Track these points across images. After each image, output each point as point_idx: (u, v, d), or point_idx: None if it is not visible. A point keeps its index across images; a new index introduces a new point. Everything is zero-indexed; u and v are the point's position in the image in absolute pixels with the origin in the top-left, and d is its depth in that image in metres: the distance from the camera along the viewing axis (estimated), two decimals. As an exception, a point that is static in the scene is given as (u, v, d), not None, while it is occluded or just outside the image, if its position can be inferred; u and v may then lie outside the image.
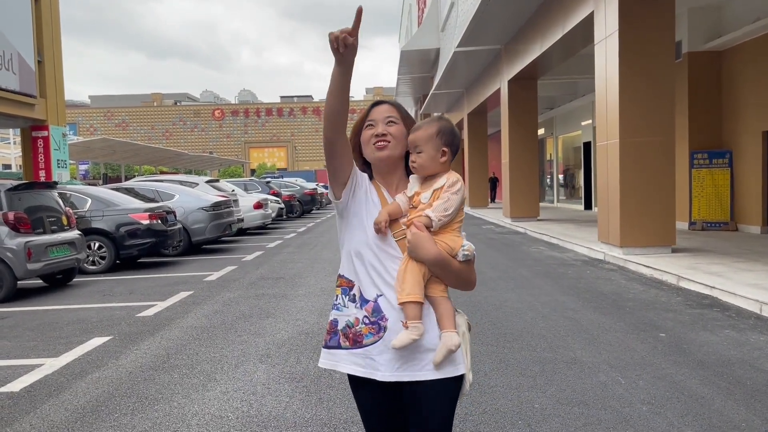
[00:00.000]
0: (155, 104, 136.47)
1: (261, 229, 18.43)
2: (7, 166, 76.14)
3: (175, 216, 11.96)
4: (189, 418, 3.75)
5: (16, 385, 4.47)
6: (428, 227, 1.88)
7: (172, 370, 4.72)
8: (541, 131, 26.94)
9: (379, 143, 1.95)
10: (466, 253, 1.90)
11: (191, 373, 4.63)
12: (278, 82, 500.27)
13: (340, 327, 1.93)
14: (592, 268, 9.46)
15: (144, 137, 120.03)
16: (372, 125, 1.99)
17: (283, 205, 21.76)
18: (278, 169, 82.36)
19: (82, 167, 72.85)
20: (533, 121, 18.78)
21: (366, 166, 2.05)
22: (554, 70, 17.66)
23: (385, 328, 1.87)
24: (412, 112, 61.58)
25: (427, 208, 1.91)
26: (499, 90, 19.64)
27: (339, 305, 1.96)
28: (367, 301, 1.90)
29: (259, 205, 17.08)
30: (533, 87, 18.40)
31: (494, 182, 30.19)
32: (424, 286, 1.88)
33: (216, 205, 13.18)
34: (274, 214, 19.33)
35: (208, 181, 16.17)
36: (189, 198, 13.25)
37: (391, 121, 1.98)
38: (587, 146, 22.64)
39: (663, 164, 10.04)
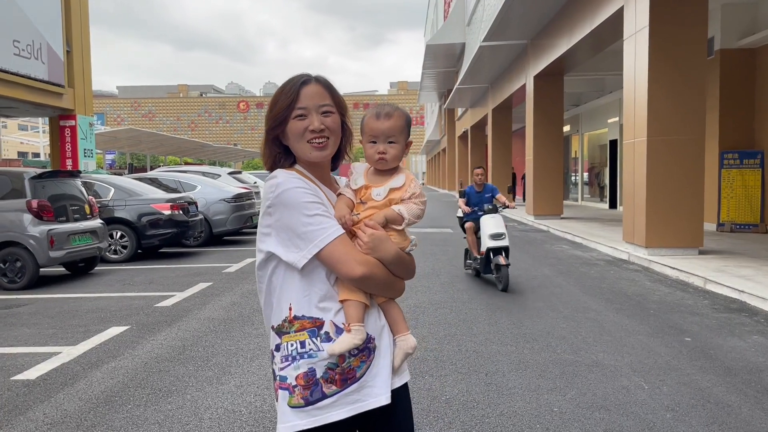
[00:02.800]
0: (181, 95, 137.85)
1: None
2: (36, 155, 77.54)
3: (197, 207, 11.99)
4: (201, 411, 3.72)
5: (32, 373, 4.49)
6: (392, 223, 1.73)
7: (187, 362, 4.70)
8: (566, 128, 26.61)
9: (318, 141, 1.70)
10: (414, 246, 1.83)
11: (206, 366, 4.60)
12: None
13: (319, 375, 1.63)
14: (616, 269, 9.28)
15: (170, 128, 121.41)
16: (303, 115, 1.69)
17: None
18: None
19: (109, 157, 73.81)
20: (559, 118, 18.51)
21: (277, 149, 1.77)
22: (581, 66, 17.38)
23: (374, 349, 1.70)
24: (435, 108, 61.23)
25: (382, 206, 1.75)
26: (524, 85, 19.40)
27: (311, 352, 1.63)
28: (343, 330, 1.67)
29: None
30: (559, 83, 18.12)
31: (513, 178, 29.75)
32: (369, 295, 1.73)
33: (238, 197, 13.20)
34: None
35: (230, 173, 16.22)
36: (211, 189, 13.29)
37: (327, 111, 1.72)
38: (613, 144, 22.28)
39: (691, 163, 9.80)
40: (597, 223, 16.49)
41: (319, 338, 1.63)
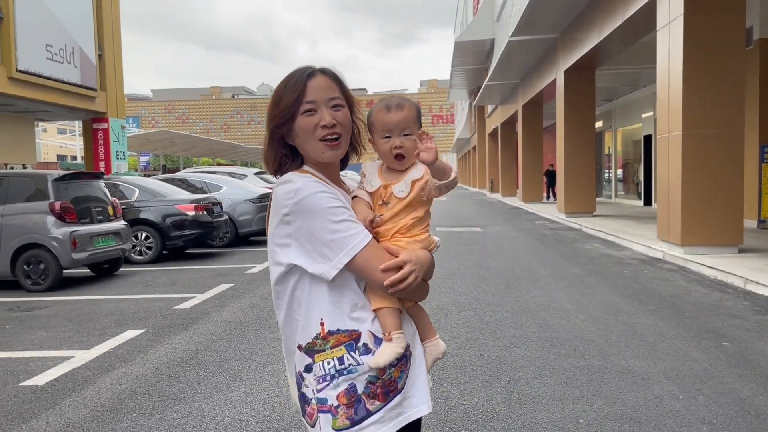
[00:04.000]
0: (213, 97, 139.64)
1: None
2: (74, 158, 79.31)
3: (221, 207, 11.95)
4: (207, 421, 3.57)
5: (42, 379, 4.40)
6: (441, 175, 1.59)
7: (199, 368, 4.56)
8: (599, 124, 26.02)
9: (331, 138, 1.54)
10: (438, 247, 1.72)
11: (217, 371, 4.46)
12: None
13: (360, 391, 1.51)
14: (650, 268, 8.91)
15: (203, 129, 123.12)
16: (313, 110, 1.53)
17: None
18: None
19: (143, 159, 75.11)
20: (590, 113, 18.05)
21: (283, 149, 1.60)
22: (614, 60, 16.88)
23: (409, 356, 1.58)
24: (465, 105, 60.68)
25: (409, 202, 1.62)
26: (555, 81, 18.97)
27: (350, 367, 1.51)
28: (382, 339, 1.54)
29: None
30: (591, 77, 17.65)
31: (552, 175, 28.96)
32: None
33: (263, 197, 13.13)
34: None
35: (256, 173, 16.19)
36: (236, 189, 13.25)
37: (338, 105, 1.56)
38: (648, 139, 21.68)
39: (729, 158, 9.36)
40: (631, 220, 16.01)
41: (357, 351, 1.52)
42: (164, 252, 10.96)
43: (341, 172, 1.70)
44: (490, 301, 6.72)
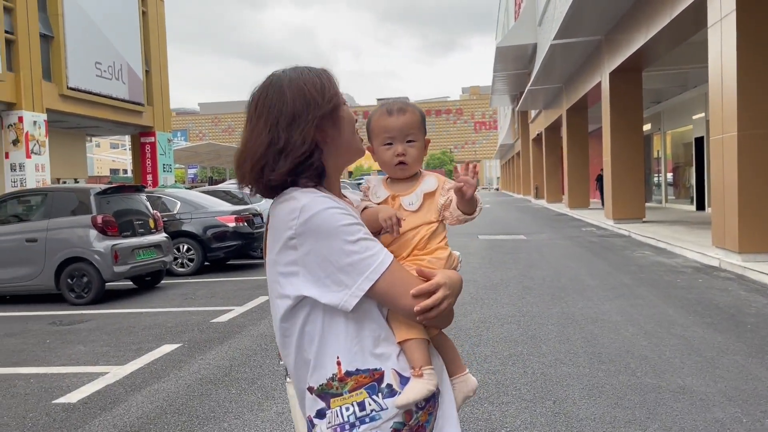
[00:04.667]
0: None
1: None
2: (125, 171, 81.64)
3: (262, 218, 11.95)
4: (236, 442, 3.43)
5: (75, 396, 4.36)
6: (468, 209, 1.45)
7: (231, 385, 4.45)
8: (647, 127, 25.24)
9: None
10: (459, 264, 1.52)
11: (250, 389, 4.34)
12: (375, 85, 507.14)
13: None
14: (706, 277, 8.45)
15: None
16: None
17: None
18: (376, 171, 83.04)
19: (191, 171, 76.85)
20: (638, 116, 17.48)
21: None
22: (661, 60, 16.31)
23: (437, 396, 1.39)
24: (508, 111, 60.00)
25: (421, 217, 1.45)
26: (599, 84, 18.47)
27: (372, 414, 1.30)
28: (408, 378, 1.34)
29: (348, 207, 16.90)
30: (637, 79, 17.10)
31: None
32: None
33: (303, 208, 13.08)
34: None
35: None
36: (276, 200, 13.24)
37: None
38: (699, 142, 20.89)
39: (790, 159, 8.83)
40: (683, 226, 15.38)
41: (380, 394, 1.30)
42: (206, 264, 11.00)
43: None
44: (535, 313, 6.45)
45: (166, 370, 4.92)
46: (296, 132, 1.32)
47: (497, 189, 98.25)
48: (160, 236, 9.30)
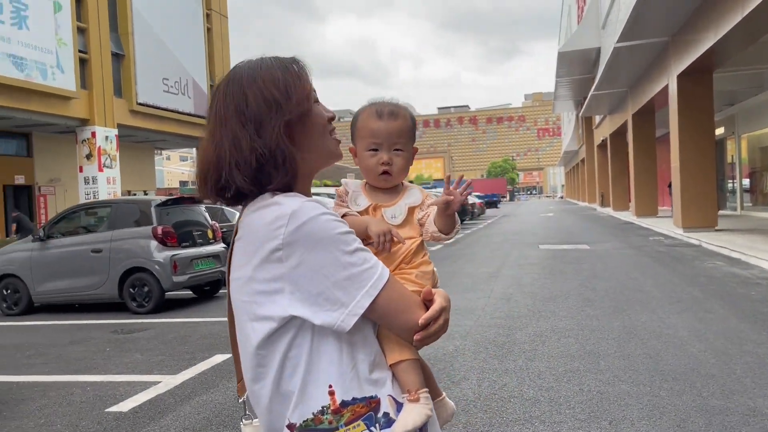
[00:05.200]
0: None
1: (409, 241, 18.17)
2: (194, 183, 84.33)
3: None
4: (277, 457, 3.39)
5: (127, 405, 4.43)
6: (446, 229, 1.37)
7: (278, 397, 4.42)
8: (719, 131, 24.11)
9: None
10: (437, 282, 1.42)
11: (296, 401, 4.30)
12: (435, 94, 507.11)
13: None
14: (783, 289, 7.92)
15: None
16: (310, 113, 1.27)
17: (432, 216, 21.37)
18: (434, 180, 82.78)
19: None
20: (709, 120, 16.68)
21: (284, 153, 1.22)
22: (733, 61, 15.54)
23: (428, 424, 1.28)
24: (572, 117, 58.64)
25: (403, 231, 1.35)
26: (666, 86, 17.76)
27: None
28: (402, 404, 1.22)
29: (405, 217, 16.83)
30: (708, 81, 16.34)
31: None
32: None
33: (359, 218, 13.11)
34: (422, 226, 19.01)
35: (354, 193, 16.25)
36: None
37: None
38: (777, 145, 19.77)
39: None
40: (761, 235, 14.54)
41: (378, 424, 1.17)
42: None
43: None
44: (594, 327, 6.17)
45: (216, 380, 4.94)
46: (258, 137, 1.18)
47: (562, 197, 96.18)
48: (219, 246, 9.47)
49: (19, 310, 9.04)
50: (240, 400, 1.35)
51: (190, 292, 9.85)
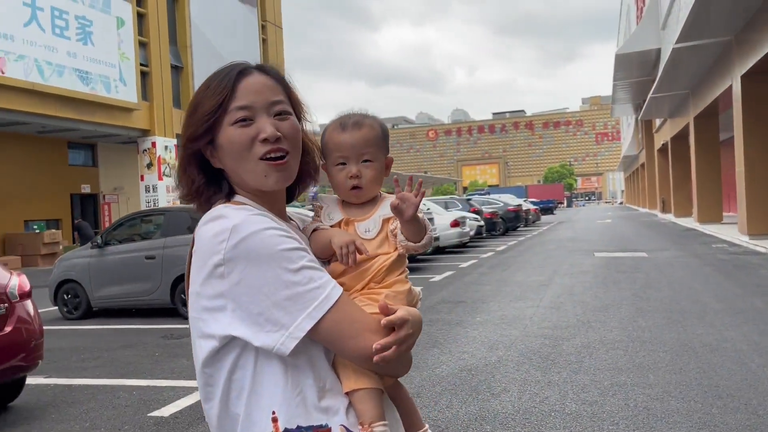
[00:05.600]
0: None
1: (459, 248, 18.04)
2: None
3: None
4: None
5: (168, 410, 4.51)
6: (412, 235, 1.25)
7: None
8: (789, 132, 22.94)
9: (274, 157, 1.15)
10: (420, 298, 1.33)
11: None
12: (490, 99, 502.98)
13: None
14: None
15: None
16: (248, 119, 1.15)
17: (482, 223, 21.15)
18: (489, 186, 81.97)
19: (312, 189, 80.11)
20: (776, 121, 15.91)
21: (200, 174, 1.20)
22: (803, 59, 14.78)
23: None
24: (631, 120, 57.02)
25: (377, 245, 1.26)
26: (730, 87, 17.03)
27: None
28: None
29: (456, 223, 16.70)
30: (775, 81, 15.60)
31: None
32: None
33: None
34: (472, 232, 18.82)
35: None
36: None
37: (283, 113, 1.18)
38: None
39: None
40: (832, 242, 13.72)
41: None
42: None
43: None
44: (646, 339, 5.93)
45: (256, 387, 4.99)
46: (183, 150, 1.19)
47: (621, 203, 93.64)
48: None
49: (79, 315, 9.39)
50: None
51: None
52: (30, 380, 5.26)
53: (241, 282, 1.06)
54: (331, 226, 1.30)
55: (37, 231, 21.75)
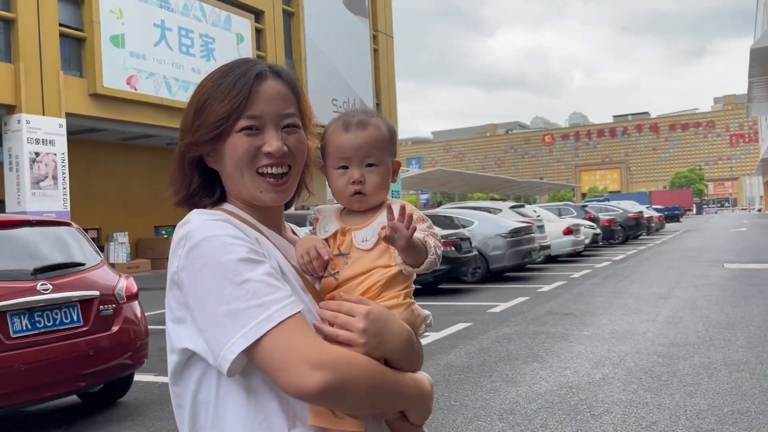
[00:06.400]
0: (488, 135, 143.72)
1: (573, 257, 17.24)
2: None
3: (470, 243, 11.77)
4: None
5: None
6: (411, 260, 1.08)
7: (402, 417, 4.29)
8: None
9: (273, 174, 1.09)
10: (429, 326, 1.16)
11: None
12: (611, 102, 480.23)
13: None
14: None
15: (478, 166, 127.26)
16: (255, 128, 1.07)
17: (599, 231, 20.10)
18: (609, 192, 78.29)
19: (423, 196, 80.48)
20: None
21: (196, 174, 1.13)
22: None
23: None
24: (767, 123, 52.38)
25: (376, 256, 1.09)
26: None
27: None
28: None
29: (569, 231, 16.00)
30: None
31: None
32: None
33: (515, 232, 12.64)
34: (587, 241, 17.95)
35: (512, 207, 15.80)
36: (488, 224, 12.99)
37: (292, 126, 1.10)
38: None
39: None
40: None
41: None
42: (418, 287, 11.12)
43: None
44: (778, 361, 5.28)
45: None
46: (181, 151, 1.11)
47: (759, 210, 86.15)
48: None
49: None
50: None
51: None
52: (139, 377, 5.54)
53: (191, 292, 0.98)
54: (327, 239, 1.15)
55: (165, 236, 23.32)
